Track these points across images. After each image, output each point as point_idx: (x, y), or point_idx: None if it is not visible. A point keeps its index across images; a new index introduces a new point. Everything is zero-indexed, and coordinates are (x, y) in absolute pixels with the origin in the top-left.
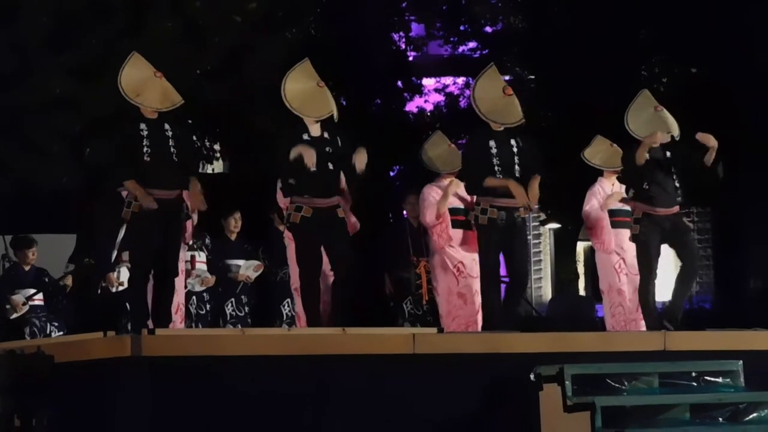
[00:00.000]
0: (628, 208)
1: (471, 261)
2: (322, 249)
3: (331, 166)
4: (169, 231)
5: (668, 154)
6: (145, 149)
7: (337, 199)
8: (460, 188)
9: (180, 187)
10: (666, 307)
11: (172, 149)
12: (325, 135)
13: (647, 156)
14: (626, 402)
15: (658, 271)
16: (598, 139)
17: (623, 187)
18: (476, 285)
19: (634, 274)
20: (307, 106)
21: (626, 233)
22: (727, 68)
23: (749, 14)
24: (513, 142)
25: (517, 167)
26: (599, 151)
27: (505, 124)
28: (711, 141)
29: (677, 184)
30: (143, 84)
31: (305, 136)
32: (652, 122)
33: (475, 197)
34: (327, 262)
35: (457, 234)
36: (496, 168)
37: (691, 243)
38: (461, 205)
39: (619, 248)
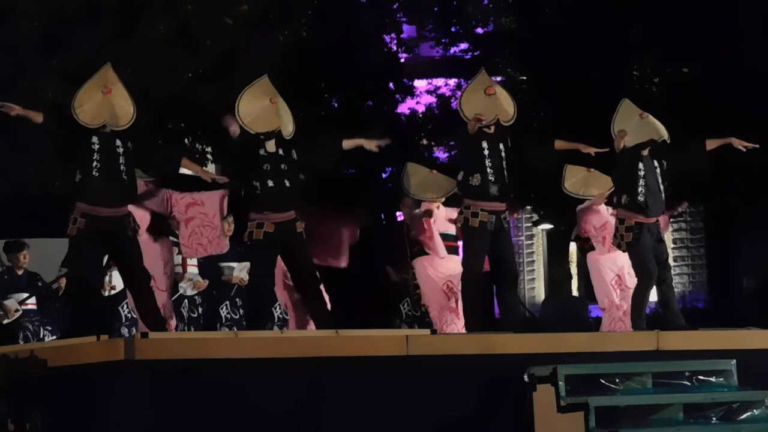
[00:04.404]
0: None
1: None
2: (283, 263)
3: (287, 183)
4: (118, 247)
5: (655, 162)
6: (94, 164)
7: (293, 213)
8: (452, 214)
9: (126, 204)
10: (665, 316)
11: (122, 167)
12: (280, 152)
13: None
14: (620, 402)
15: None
16: (569, 168)
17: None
18: None
19: (629, 287)
20: (258, 122)
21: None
22: (719, 67)
23: (741, 14)
24: (502, 146)
25: (505, 171)
26: (578, 180)
27: (489, 123)
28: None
29: (662, 189)
30: (88, 97)
31: (261, 152)
32: (641, 129)
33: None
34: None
35: (449, 259)
36: (488, 170)
37: (665, 250)
38: (453, 231)
39: (612, 264)
